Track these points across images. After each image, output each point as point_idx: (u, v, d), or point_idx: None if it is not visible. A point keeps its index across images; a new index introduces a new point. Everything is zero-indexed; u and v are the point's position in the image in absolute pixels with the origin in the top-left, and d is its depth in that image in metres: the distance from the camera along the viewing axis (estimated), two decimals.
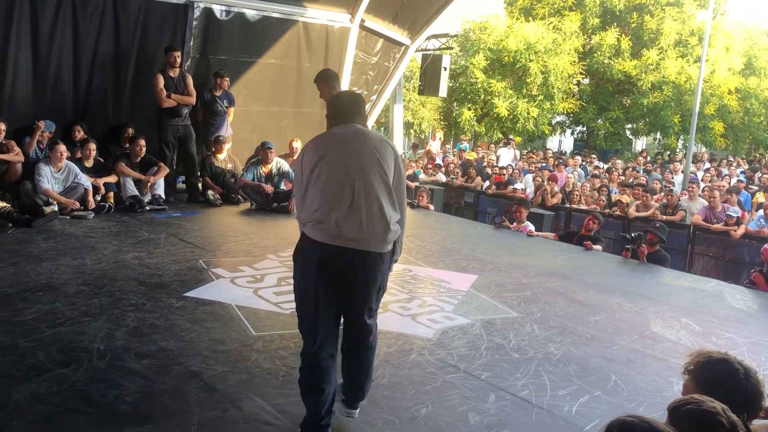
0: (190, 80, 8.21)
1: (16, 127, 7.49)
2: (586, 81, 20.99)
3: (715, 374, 2.13)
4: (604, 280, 6.11)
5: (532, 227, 8.28)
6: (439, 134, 18.26)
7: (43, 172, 6.85)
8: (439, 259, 6.42)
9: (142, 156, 7.87)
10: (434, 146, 16.32)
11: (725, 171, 14.74)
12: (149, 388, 3.12)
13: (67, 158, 7.22)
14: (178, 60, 8.07)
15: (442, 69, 12.27)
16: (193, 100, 8.23)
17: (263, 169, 8.39)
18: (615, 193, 11.18)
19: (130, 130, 8.26)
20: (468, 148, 16.78)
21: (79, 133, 7.89)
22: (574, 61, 19.29)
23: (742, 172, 14.97)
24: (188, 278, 5.06)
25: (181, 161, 8.55)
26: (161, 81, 7.92)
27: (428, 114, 21.10)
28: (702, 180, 13.42)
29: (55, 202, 6.83)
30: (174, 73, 8.06)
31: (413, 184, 12.38)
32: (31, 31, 7.58)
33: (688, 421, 1.74)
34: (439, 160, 14.82)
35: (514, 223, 8.30)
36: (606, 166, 14.87)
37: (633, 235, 7.24)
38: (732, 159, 17.58)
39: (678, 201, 10.05)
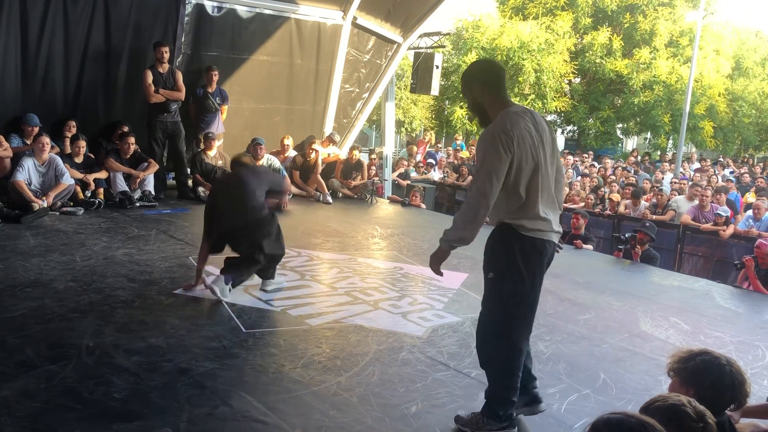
0: (179, 76, 8.17)
1: (4, 123, 7.42)
2: (578, 80, 21.06)
3: (699, 365, 2.20)
4: (594, 278, 6.14)
5: None
6: (429, 136, 18.21)
7: (25, 165, 6.81)
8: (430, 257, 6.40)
9: (132, 153, 7.83)
10: (420, 150, 16.29)
11: (714, 171, 14.84)
12: (138, 385, 3.11)
13: (56, 153, 7.17)
14: (166, 56, 8.03)
15: (435, 67, 12.22)
16: (181, 95, 8.19)
17: None
18: (606, 192, 11.24)
19: (125, 128, 8.21)
20: (464, 147, 16.79)
21: (73, 129, 7.83)
22: (566, 61, 19.34)
23: (731, 173, 15.08)
24: (178, 275, 5.04)
25: (170, 158, 8.51)
26: (150, 77, 7.90)
27: (420, 112, 21.09)
28: (691, 179, 13.50)
29: (46, 198, 6.78)
30: (163, 68, 8.03)
31: (405, 183, 12.41)
32: (21, 25, 7.48)
33: (657, 417, 1.78)
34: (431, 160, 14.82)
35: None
36: (599, 166, 14.93)
37: (627, 235, 7.31)
38: (722, 159, 17.70)
39: (668, 201, 10.10)
